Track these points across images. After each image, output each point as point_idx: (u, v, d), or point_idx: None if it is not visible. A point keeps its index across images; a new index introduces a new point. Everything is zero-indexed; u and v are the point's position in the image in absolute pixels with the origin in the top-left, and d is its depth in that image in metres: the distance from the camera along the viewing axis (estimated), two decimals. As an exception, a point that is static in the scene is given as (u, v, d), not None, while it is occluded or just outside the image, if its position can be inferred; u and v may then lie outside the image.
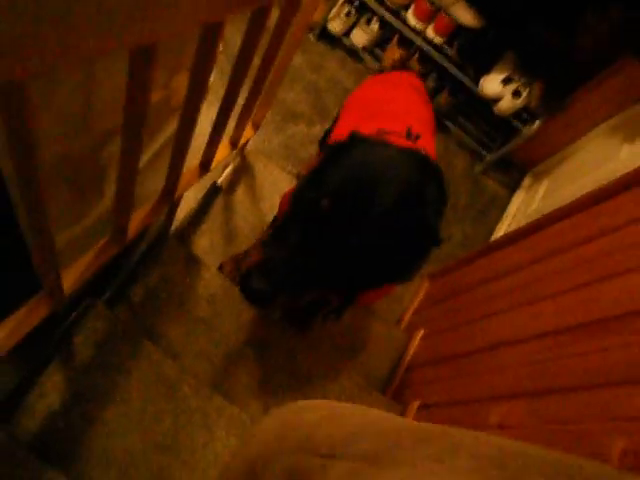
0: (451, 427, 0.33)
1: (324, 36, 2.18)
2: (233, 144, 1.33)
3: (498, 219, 2.18)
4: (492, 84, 2.03)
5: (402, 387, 1.39)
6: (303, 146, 1.92)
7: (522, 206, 2.16)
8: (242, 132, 1.31)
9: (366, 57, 2.22)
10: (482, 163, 2.27)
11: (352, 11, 2.10)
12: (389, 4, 2.00)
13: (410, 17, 2.01)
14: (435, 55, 2.04)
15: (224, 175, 1.58)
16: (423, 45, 2.03)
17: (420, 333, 1.53)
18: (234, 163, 1.60)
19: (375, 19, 2.10)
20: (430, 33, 2.01)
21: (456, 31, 1.99)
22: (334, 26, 2.14)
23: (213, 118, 1.00)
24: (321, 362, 1.29)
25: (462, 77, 2.06)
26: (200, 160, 1.15)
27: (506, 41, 2.02)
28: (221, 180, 1.55)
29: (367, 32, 2.15)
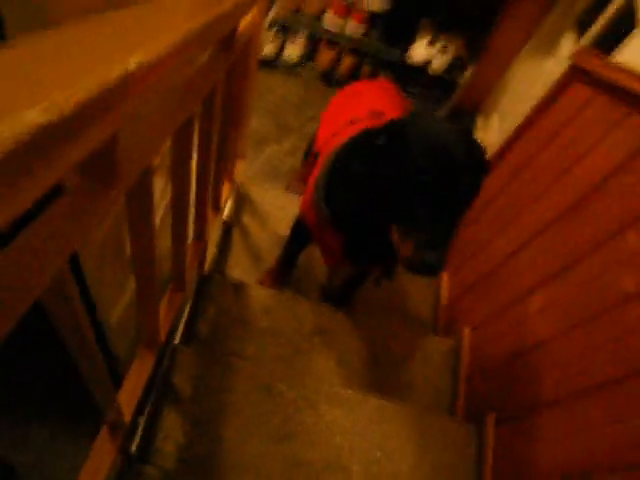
0: None
1: (261, 63, 2.37)
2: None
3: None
4: (419, 50, 2.26)
5: (450, 322, 1.56)
6: (281, 161, 2.10)
7: (484, 144, 2.38)
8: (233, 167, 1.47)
9: (303, 69, 2.43)
10: (436, 120, 2.48)
11: (279, 32, 2.32)
12: (305, 18, 2.22)
13: (329, 18, 2.23)
14: (362, 44, 2.26)
15: (227, 210, 1.74)
16: (347, 40, 2.25)
17: (446, 275, 1.71)
18: (232, 198, 1.76)
19: (300, 33, 2.32)
20: (352, 25, 2.23)
21: (373, 18, 2.22)
22: (267, 50, 2.34)
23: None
24: (377, 325, 1.45)
25: (392, 55, 2.29)
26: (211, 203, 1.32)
27: (418, 12, 2.26)
28: (228, 216, 1.72)
29: (297, 44, 2.36)
